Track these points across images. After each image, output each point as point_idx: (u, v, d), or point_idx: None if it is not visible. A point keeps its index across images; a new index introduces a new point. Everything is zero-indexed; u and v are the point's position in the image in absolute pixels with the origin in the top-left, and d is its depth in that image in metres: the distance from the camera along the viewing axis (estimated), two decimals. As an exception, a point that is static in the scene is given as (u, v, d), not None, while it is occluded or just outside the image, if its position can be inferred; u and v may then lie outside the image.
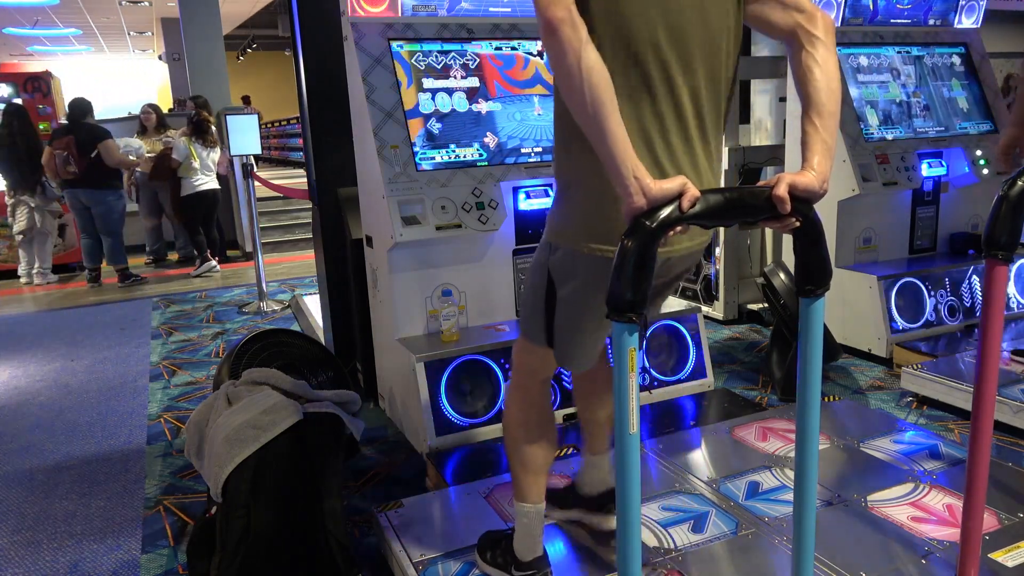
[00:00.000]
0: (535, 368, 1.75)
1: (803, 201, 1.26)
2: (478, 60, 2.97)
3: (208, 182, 6.80)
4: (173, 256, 7.83)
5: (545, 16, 1.26)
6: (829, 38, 1.40)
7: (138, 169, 6.98)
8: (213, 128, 6.79)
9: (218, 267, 7.04)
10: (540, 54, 3.05)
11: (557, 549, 1.99)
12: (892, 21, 3.97)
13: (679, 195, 1.21)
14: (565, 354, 1.68)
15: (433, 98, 2.88)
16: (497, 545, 1.90)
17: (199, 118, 6.73)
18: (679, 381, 3.15)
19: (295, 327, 4.82)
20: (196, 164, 6.63)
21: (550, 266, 1.60)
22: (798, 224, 1.29)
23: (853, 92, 3.76)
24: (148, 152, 7.01)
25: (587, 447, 1.97)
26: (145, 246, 7.72)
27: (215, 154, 6.79)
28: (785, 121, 4.13)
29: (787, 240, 4.23)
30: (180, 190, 6.76)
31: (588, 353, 1.70)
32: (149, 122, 7.26)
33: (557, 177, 1.59)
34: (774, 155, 4.37)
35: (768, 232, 4.47)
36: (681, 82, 1.41)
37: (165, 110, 8.88)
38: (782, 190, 1.24)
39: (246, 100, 14.80)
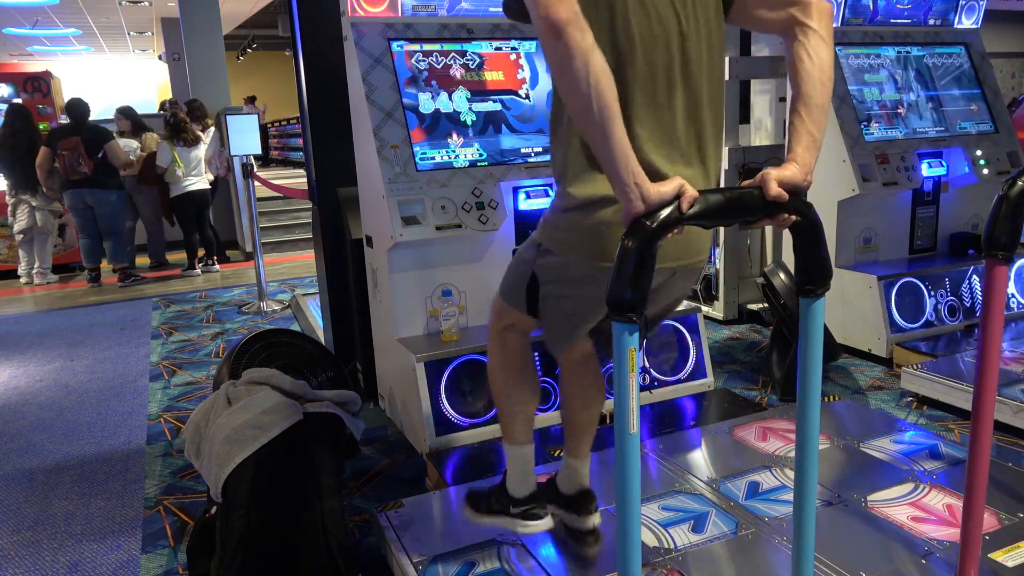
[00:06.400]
0: (512, 322, 1.81)
1: (792, 194, 1.27)
2: (478, 60, 2.98)
3: (196, 182, 6.75)
4: (172, 257, 7.83)
5: (549, 17, 1.21)
6: (823, 27, 1.37)
7: (124, 173, 6.93)
8: (191, 125, 6.73)
9: (199, 273, 7.03)
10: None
11: (556, 549, 1.99)
12: (892, 21, 3.97)
13: (677, 197, 1.21)
14: (548, 339, 1.73)
15: (433, 98, 2.88)
16: (489, 496, 1.94)
17: (174, 119, 6.68)
18: (679, 381, 3.15)
19: (295, 327, 4.82)
20: (180, 171, 6.61)
21: (535, 267, 1.64)
22: (795, 219, 1.29)
23: (853, 92, 3.76)
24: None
25: (568, 449, 1.92)
26: (147, 247, 7.71)
27: (198, 151, 6.74)
28: (785, 121, 4.13)
29: (787, 240, 4.23)
30: (169, 192, 6.76)
31: (567, 339, 1.74)
32: (125, 127, 7.16)
33: (556, 178, 1.60)
34: (774, 155, 4.37)
35: (768, 232, 4.47)
36: (680, 89, 1.43)
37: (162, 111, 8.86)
38: (776, 189, 1.25)
39: (250, 100, 14.76)
